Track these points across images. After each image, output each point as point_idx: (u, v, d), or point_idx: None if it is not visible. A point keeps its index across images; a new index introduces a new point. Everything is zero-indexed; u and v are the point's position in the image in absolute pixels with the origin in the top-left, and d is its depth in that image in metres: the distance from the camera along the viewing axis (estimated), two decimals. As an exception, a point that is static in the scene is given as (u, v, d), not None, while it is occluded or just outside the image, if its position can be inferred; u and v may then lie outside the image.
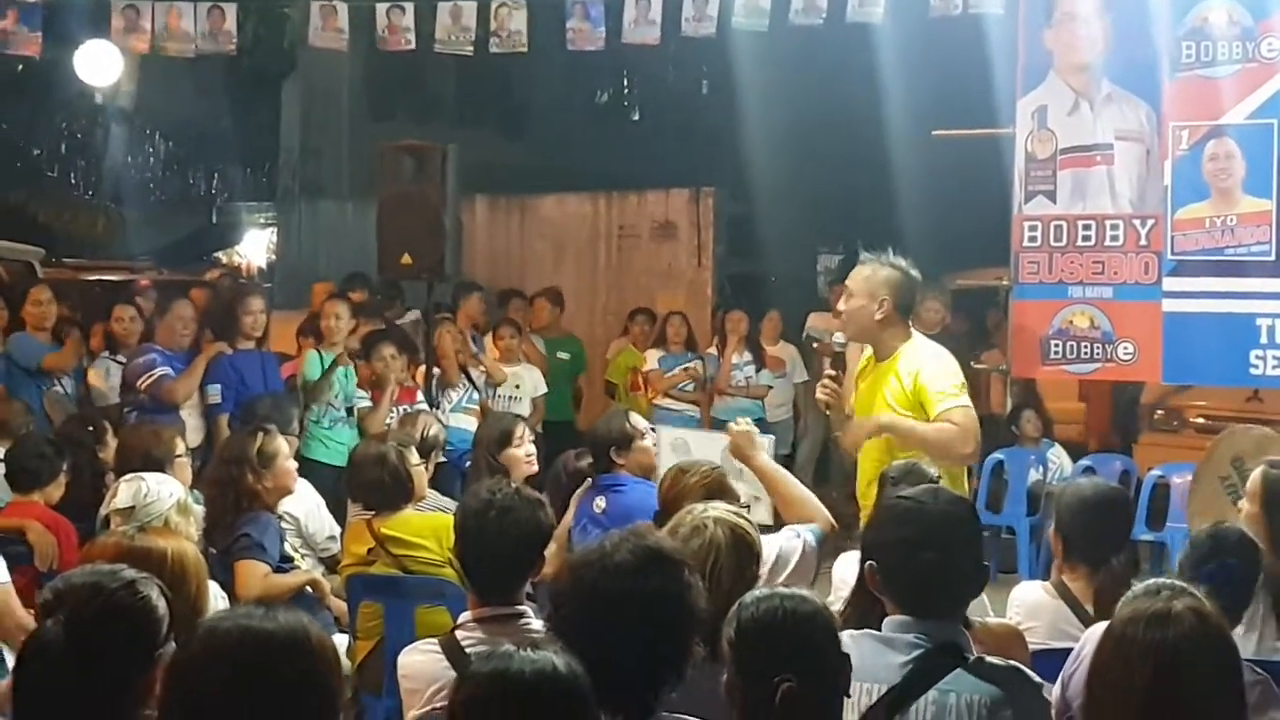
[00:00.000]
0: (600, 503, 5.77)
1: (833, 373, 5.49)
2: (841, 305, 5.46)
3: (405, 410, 8.20)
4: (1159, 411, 9.89)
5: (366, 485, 5.73)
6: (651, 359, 10.99)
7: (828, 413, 5.50)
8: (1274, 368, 7.72)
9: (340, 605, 5.60)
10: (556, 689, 2.36)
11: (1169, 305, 8.00)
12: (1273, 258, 7.72)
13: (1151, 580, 3.17)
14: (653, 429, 6.28)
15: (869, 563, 3.29)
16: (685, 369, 10.92)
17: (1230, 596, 3.68)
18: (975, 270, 11.47)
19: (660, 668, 2.61)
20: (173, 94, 18.86)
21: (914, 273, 5.43)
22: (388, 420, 8.17)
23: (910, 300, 5.45)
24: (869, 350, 5.49)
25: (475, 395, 9.45)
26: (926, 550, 3.16)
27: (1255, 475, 4.75)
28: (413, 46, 9.53)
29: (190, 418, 7.72)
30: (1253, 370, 7.82)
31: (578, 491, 5.92)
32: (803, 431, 11.96)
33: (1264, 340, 7.71)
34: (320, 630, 2.32)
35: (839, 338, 5.54)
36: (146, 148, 21.22)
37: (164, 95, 18.73)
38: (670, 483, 4.88)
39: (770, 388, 11.20)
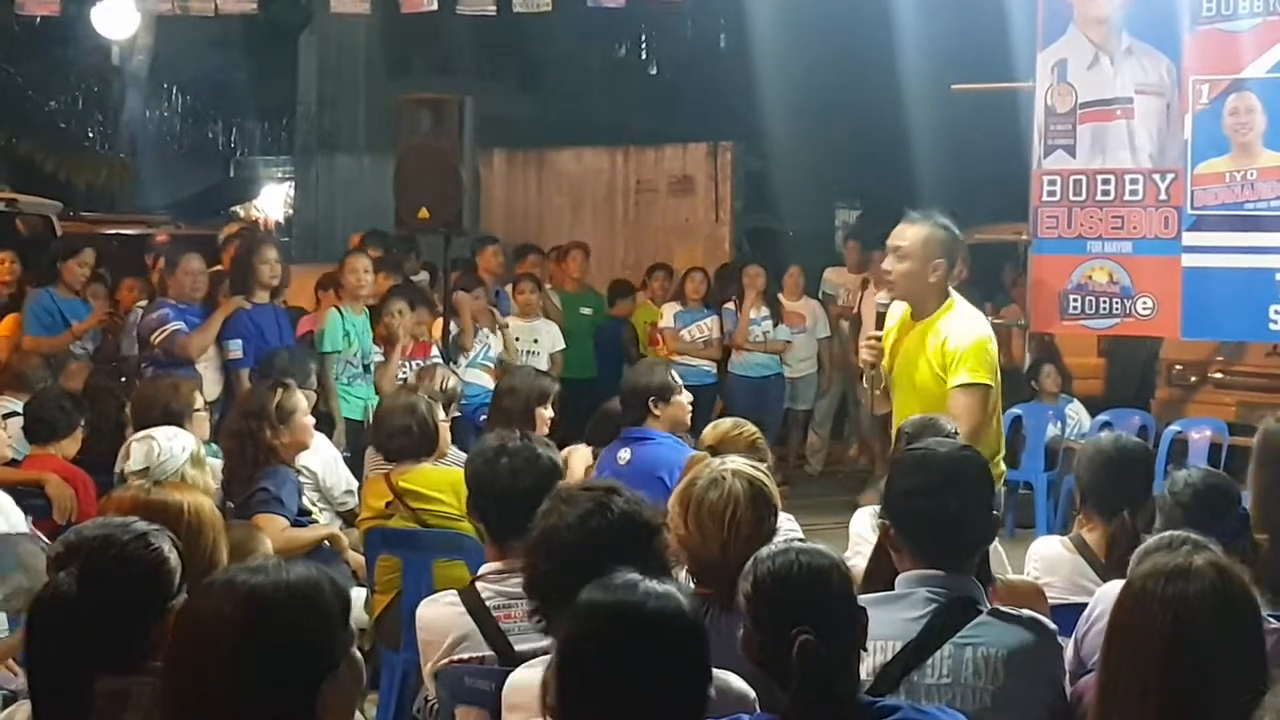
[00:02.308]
0: (624, 454, 5.77)
1: (878, 332, 5.42)
2: (890, 265, 5.33)
3: (419, 364, 8.21)
4: (1177, 366, 9.86)
5: (392, 433, 5.72)
6: (668, 314, 10.99)
7: (872, 372, 5.42)
8: (1293, 323, 7.69)
9: (358, 559, 5.62)
10: (681, 628, 2.31)
11: (1188, 260, 7.97)
12: (1293, 212, 7.69)
13: (1168, 533, 3.16)
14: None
15: (881, 519, 3.30)
16: (702, 332, 10.91)
17: (1244, 545, 3.69)
18: (994, 225, 11.43)
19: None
20: (190, 47, 18.84)
21: (958, 232, 5.42)
22: (401, 375, 8.19)
23: (956, 261, 5.43)
24: (898, 309, 5.46)
25: (492, 351, 9.44)
26: (935, 500, 3.18)
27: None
28: (434, 7, 9.50)
29: (207, 371, 7.71)
30: (1272, 325, 7.79)
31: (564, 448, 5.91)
32: (825, 386, 11.96)
33: (1284, 295, 7.69)
34: (318, 581, 2.31)
35: (882, 297, 5.48)
36: (164, 101, 21.23)
37: (181, 49, 18.71)
38: (714, 434, 4.94)
39: (788, 343, 11.20)
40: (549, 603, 3.11)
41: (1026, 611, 3.22)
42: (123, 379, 6.83)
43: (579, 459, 6.01)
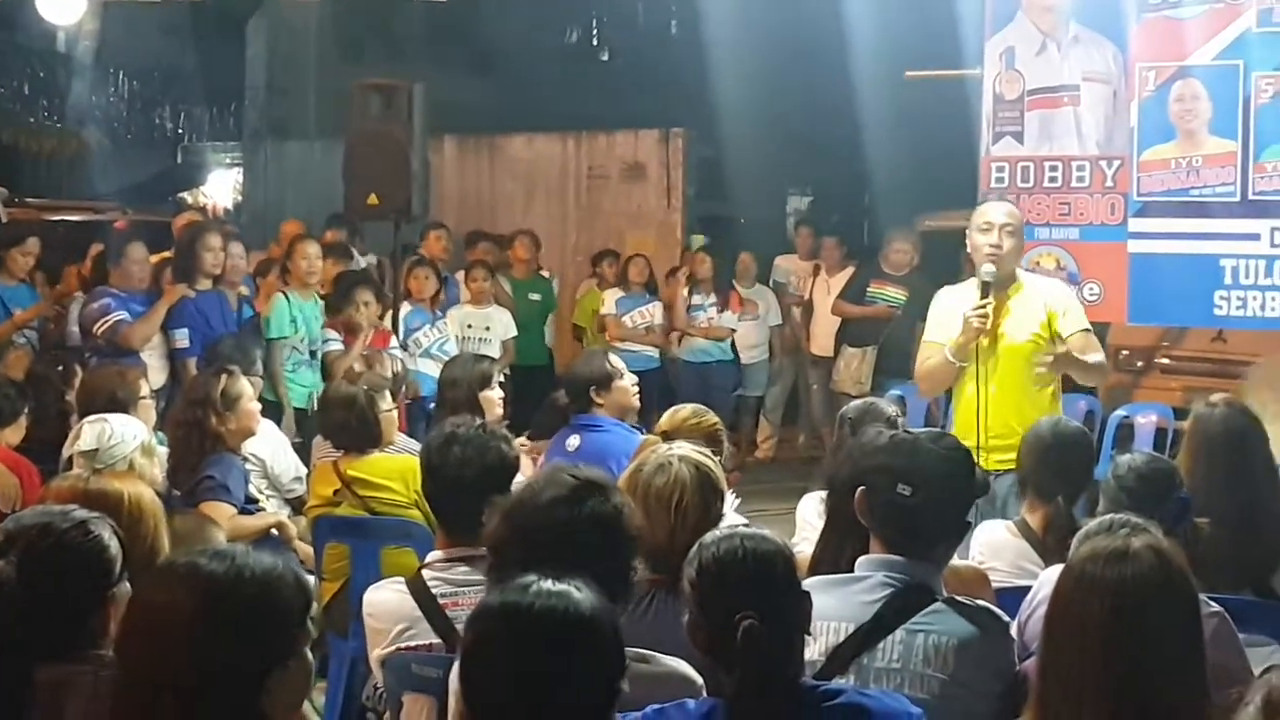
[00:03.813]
0: (573, 441, 5.80)
1: (986, 301, 5.69)
2: (997, 239, 5.80)
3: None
4: (1124, 352, 9.93)
5: (333, 426, 5.75)
6: (610, 300, 10.97)
7: (981, 340, 5.67)
8: (1238, 308, 7.75)
9: (306, 549, 5.60)
10: (571, 626, 2.30)
11: (1134, 246, 8.01)
12: (1237, 199, 7.74)
13: (1108, 516, 3.19)
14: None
15: (860, 487, 3.31)
16: (645, 318, 10.91)
17: (1186, 529, 3.74)
18: (944, 212, 11.46)
19: (607, 593, 2.56)
20: (137, 33, 18.62)
21: None
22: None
23: None
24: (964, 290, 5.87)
25: (447, 344, 9.34)
26: (911, 485, 3.20)
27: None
28: None
29: (152, 359, 7.64)
30: (1217, 311, 7.84)
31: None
32: (775, 373, 12.01)
33: (1228, 281, 7.74)
34: (276, 570, 2.31)
35: (989, 269, 5.73)
36: (110, 87, 20.99)
37: (128, 34, 18.49)
38: (670, 420, 4.95)
39: (734, 330, 11.21)
40: (502, 570, 3.05)
41: (981, 603, 3.24)
42: (60, 368, 6.76)
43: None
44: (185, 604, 2.22)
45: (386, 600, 3.69)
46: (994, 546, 4.40)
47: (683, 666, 2.97)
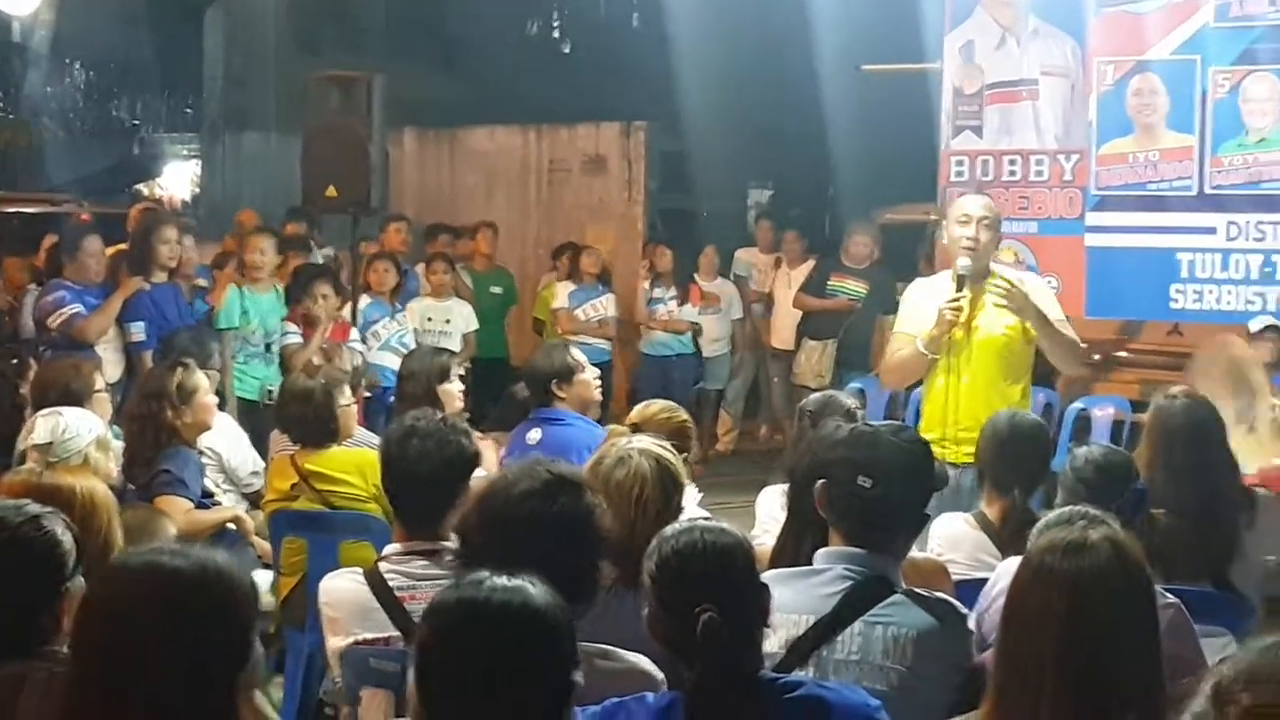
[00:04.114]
0: (535, 434, 5.75)
1: (961, 293, 5.63)
2: (974, 232, 5.68)
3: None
4: (1082, 345, 9.99)
5: (291, 420, 5.70)
6: (562, 294, 10.93)
7: (955, 332, 5.63)
8: (1194, 301, 7.83)
9: (264, 544, 5.57)
10: (527, 620, 2.28)
11: (1092, 240, 8.07)
12: (1194, 193, 7.80)
13: (1066, 508, 3.20)
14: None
15: (820, 480, 3.30)
16: (597, 311, 10.89)
17: (1142, 520, 3.77)
18: (904, 205, 11.50)
19: (570, 592, 2.53)
20: (93, 23, 18.49)
21: None
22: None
23: None
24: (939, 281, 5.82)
25: (406, 337, 9.27)
26: (871, 478, 3.20)
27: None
28: None
29: (107, 352, 7.58)
30: (1173, 304, 7.92)
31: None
32: (736, 366, 12.02)
33: (1184, 274, 7.82)
34: (233, 565, 2.29)
35: (964, 262, 5.65)
36: (66, 78, 20.85)
37: (84, 24, 18.36)
38: (641, 414, 4.95)
39: (695, 324, 11.23)
40: (468, 558, 3.03)
41: (940, 594, 3.25)
42: (14, 361, 6.71)
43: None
44: (153, 601, 2.20)
45: (343, 589, 3.66)
46: (952, 538, 4.41)
47: (643, 662, 2.97)
